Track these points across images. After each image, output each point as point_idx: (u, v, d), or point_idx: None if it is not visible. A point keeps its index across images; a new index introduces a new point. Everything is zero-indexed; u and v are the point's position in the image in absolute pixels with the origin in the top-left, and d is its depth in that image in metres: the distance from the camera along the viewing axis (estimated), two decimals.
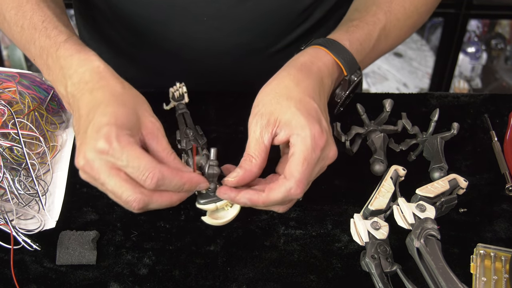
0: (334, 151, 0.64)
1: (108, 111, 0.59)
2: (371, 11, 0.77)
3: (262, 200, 0.62)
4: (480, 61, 2.36)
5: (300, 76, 0.67)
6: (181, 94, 0.84)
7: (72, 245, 0.66)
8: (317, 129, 0.62)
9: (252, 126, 0.64)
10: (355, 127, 0.79)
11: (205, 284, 0.65)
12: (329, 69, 0.70)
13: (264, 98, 0.65)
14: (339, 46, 0.71)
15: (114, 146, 0.57)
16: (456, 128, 0.78)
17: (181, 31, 0.86)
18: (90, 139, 0.58)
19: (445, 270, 0.61)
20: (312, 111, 0.63)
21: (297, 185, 0.61)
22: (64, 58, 0.65)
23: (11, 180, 0.68)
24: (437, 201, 0.68)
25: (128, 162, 0.57)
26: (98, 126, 0.58)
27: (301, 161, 0.61)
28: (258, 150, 0.63)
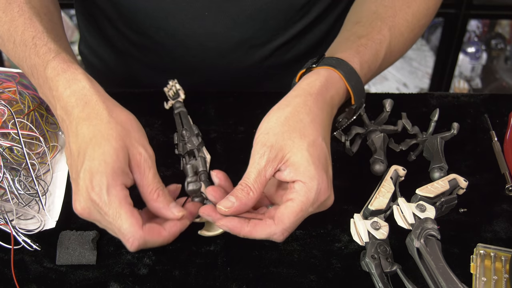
0: (332, 199, 0.63)
1: (97, 154, 0.58)
2: (377, 27, 0.74)
3: (244, 233, 0.60)
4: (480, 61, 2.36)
5: (316, 110, 0.63)
6: (175, 91, 0.84)
7: (72, 245, 0.66)
8: (324, 184, 0.60)
9: (257, 156, 0.61)
10: (355, 127, 0.79)
11: (205, 284, 0.65)
12: (340, 97, 0.68)
13: (276, 127, 0.62)
14: (352, 70, 0.68)
15: (103, 199, 0.57)
16: (456, 128, 0.78)
17: (182, 27, 0.86)
18: (83, 188, 0.57)
19: (445, 270, 0.61)
20: (323, 158, 0.61)
21: (282, 233, 0.60)
22: (51, 79, 0.63)
23: (11, 180, 0.68)
24: (437, 201, 0.69)
25: (113, 220, 0.57)
26: (90, 173, 0.57)
27: (296, 211, 0.59)
28: (258, 183, 0.60)
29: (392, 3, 0.76)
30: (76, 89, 0.62)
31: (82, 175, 0.57)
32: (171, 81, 0.86)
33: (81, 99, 0.62)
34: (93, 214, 0.58)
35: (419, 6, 0.77)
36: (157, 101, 0.87)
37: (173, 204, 0.61)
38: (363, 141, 0.80)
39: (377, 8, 0.76)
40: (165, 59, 0.93)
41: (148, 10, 0.86)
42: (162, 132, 0.82)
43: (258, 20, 0.86)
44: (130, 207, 0.58)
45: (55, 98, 0.63)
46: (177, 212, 0.61)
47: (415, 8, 0.77)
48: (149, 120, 0.84)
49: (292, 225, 0.60)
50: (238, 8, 0.84)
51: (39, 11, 0.70)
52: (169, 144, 0.80)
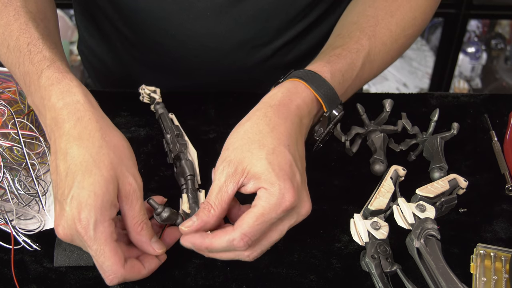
0: (307, 208, 0.61)
1: (87, 183, 0.56)
2: (354, 37, 0.72)
3: (205, 245, 0.59)
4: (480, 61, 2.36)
5: (277, 119, 0.62)
6: (148, 96, 0.83)
7: (69, 246, 0.66)
8: (287, 188, 0.58)
9: (218, 173, 0.60)
10: (355, 127, 0.79)
11: (205, 284, 0.65)
12: (308, 106, 0.65)
13: (235, 142, 0.61)
14: (320, 80, 0.66)
15: (89, 234, 0.56)
16: (456, 128, 0.78)
17: (183, 27, 0.86)
18: (69, 216, 0.56)
19: (445, 270, 0.61)
20: (285, 165, 0.59)
21: (241, 238, 0.57)
22: (44, 88, 0.61)
23: (11, 180, 0.68)
24: (437, 201, 0.69)
25: (96, 255, 0.57)
26: (78, 204, 0.56)
27: (256, 216, 0.57)
28: (219, 200, 0.59)
29: (375, 13, 0.74)
30: (69, 102, 0.60)
31: (69, 202, 0.56)
32: (140, 88, 0.84)
33: (74, 113, 0.60)
34: (75, 241, 0.58)
35: (404, 16, 0.75)
36: None
37: (154, 239, 0.62)
38: (363, 141, 0.80)
39: (359, 18, 0.75)
40: (165, 59, 0.93)
41: (149, 10, 0.86)
42: (162, 132, 0.82)
43: (260, 20, 0.86)
44: (114, 244, 0.57)
45: (46, 108, 0.61)
46: (158, 249, 0.62)
47: (399, 17, 0.75)
48: (149, 120, 0.84)
49: (252, 230, 0.57)
50: (240, 9, 0.84)
51: (35, 16, 0.68)
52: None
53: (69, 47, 2.20)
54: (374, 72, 0.76)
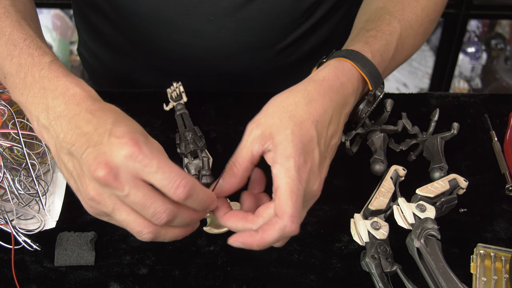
0: (318, 188, 0.60)
1: (124, 123, 0.55)
2: (385, 20, 0.73)
3: (256, 243, 0.57)
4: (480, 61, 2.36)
5: (315, 95, 0.62)
6: (178, 94, 0.84)
7: (70, 246, 0.66)
8: (301, 161, 0.57)
9: (246, 134, 0.61)
10: None
11: (205, 284, 0.65)
12: (353, 85, 0.65)
13: (269, 108, 0.61)
14: (364, 58, 0.67)
15: (144, 150, 0.52)
16: (456, 128, 0.78)
17: (186, 30, 0.86)
18: (114, 145, 0.52)
19: (445, 270, 0.61)
20: (306, 140, 0.59)
21: (292, 221, 0.56)
22: (49, 79, 0.60)
23: (11, 180, 0.68)
24: (437, 201, 0.69)
25: (159, 168, 0.52)
26: (122, 132, 0.53)
27: (289, 193, 0.56)
28: (242, 158, 0.60)
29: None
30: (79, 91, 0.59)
31: (107, 137, 0.53)
32: (175, 83, 0.86)
33: (89, 98, 0.58)
34: (119, 178, 0.52)
35: (428, 1, 0.77)
36: (157, 101, 0.87)
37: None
38: (363, 141, 0.80)
39: (385, 4, 0.76)
40: (168, 62, 0.93)
41: (152, 14, 0.86)
42: (162, 132, 0.82)
43: (263, 23, 0.86)
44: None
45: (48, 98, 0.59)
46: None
47: (423, 3, 0.77)
48: (149, 120, 0.84)
49: (295, 209, 0.56)
50: (243, 12, 0.84)
51: (26, 16, 0.68)
52: (169, 144, 0.80)
53: (69, 47, 2.20)
54: (405, 55, 0.77)
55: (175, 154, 0.78)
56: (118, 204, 0.54)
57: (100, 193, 0.53)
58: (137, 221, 0.54)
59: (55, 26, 2.18)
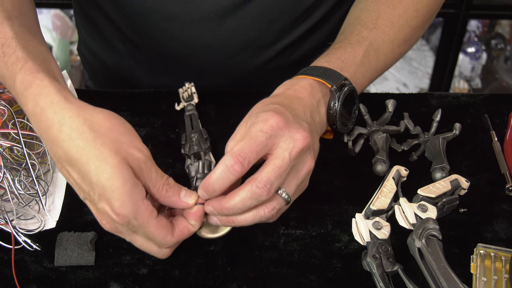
0: (301, 133, 0.61)
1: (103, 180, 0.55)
2: (355, 31, 0.76)
3: (226, 205, 0.60)
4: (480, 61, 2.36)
5: (274, 100, 0.65)
6: (190, 94, 0.84)
7: (70, 246, 0.66)
8: (268, 113, 0.61)
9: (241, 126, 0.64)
10: (358, 127, 0.79)
11: (205, 284, 0.65)
12: (307, 90, 0.68)
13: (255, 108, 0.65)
14: (316, 68, 0.71)
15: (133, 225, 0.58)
16: (458, 129, 0.78)
17: (187, 28, 0.86)
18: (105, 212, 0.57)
19: (446, 270, 0.61)
20: (272, 105, 0.62)
21: (263, 185, 0.58)
22: (21, 93, 0.60)
23: (11, 180, 0.68)
24: (438, 202, 0.68)
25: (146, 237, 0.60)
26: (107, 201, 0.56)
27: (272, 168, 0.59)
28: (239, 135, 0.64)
29: (377, 8, 0.77)
30: (44, 105, 0.58)
31: (98, 201, 0.57)
32: (188, 83, 0.85)
33: (53, 117, 0.57)
34: (123, 232, 0.60)
35: (407, 9, 0.78)
36: (157, 101, 0.87)
37: (183, 193, 0.61)
38: (365, 141, 0.80)
39: (361, 14, 0.78)
40: (168, 60, 0.93)
41: (153, 12, 0.85)
42: (162, 132, 0.82)
43: (264, 22, 0.86)
44: (157, 220, 0.59)
45: (28, 114, 0.60)
46: (191, 200, 0.61)
47: (401, 10, 0.78)
48: (149, 120, 0.84)
49: (270, 178, 0.58)
50: (244, 10, 0.84)
51: (11, 14, 0.67)
52: (169, 144, 0.80)
53: (69, 47, 2.20)
54: (383, 60, 0.78)
55: (175, 153, 0.78)
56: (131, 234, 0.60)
57: (113, 227, 0.59)
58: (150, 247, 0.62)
59: (55, 26, 2.18)
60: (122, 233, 0.60)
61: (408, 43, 0.81)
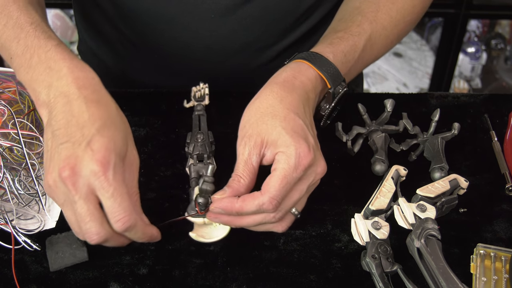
0: (323, 167, 0.65)
1: (107, 134, 0.58)
2: (356, 21, 0.76)
3: (236, 209, 0.62)
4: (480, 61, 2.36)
5: (283, 93, 0.66)
6: (202, 95, 0.84)
7: (60, 248, 0.65)
8: (303, 148, 0.62)
9: (241, 149, 0.64)
10: (357, 127, 0.79)
11: (205, 284, 0.65)
12: (312, 83, 0.70)
13: (250, 119, 0.65)
14: (322, 59, 0.71)
15: (108, 175, 0.56)
16: (457, 128, 0.78)
17: (187, 29, 0.86)
18: (87, 155, 0.56)
19: (445, 270, 0.61)
20: (298, 128, 0.63)
21: (270, 201, 0.61)
22: (54, 60, 0.63)
23: (11, 180, 0.68)
24: (437, 201, 0.68)
25: (112, 196, 0.57)
26: (98, 147, 0.57)
27: (280, 178, 0.61)
28: (247, 171, 0.64)
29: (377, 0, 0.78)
30: (86, 76, 0.62)
31: (86, 144, 0.57)
32: (202, 83, 0.85)
33: (91, 85, 0.62)
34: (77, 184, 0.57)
35: (404, 3, 0.79)
36: (157, 101, 0.87)
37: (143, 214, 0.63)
38: (364, 141, 0.80)
39: (361, 4, 0.79)
40: (168, 61, 0.93)
41: (153, 12, 0.85)
42: (162, 132, 0.82)
43: (264, 22, 0.86)
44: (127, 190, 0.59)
45: (53, 78, 0.62)
46: (146, 220, 0.62)
47: (399, 5, 0.79)
48: (149, 120, 0.84)
49: (279, 193, 0.61)
50: (244, 11, 0.84)
51: (32, 1, 0.71)
52: (169, 144, 0.80)
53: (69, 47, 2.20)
54: (375, 54, 0.80)
55: (175, 153, 0.78)
56: (67, 203, 0.58)
57: (57, 186, 0.58)
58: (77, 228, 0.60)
59: (55, 26, 2.18)
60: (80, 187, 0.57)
61: (399, 39, 0.83)
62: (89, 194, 0.57)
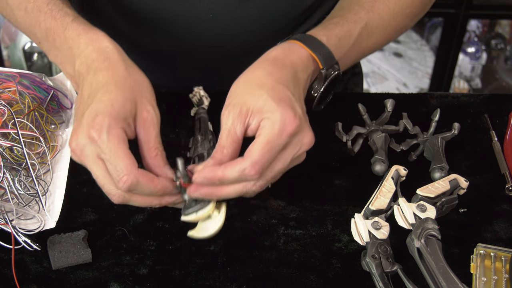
0: (310, 137, 0.63)
1: (106, 98, 0.60)
2: (353, 10, 0.77)
3: (218, 176, 0.61)
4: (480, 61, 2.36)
5: (273, 68, 0.66)
6: (199, 98, 0.84)
7: (64, 247, 0.65)
8: (288, 114, 0.61)
9: (224, 118, 0.63)
10: (357, 127, 0.79)
11: (205, 284, 0.65)
12: (303, 62, 0.69)
13: (237, 89, 0.65)
14: (315, 41, 0.71)
15: (102, 137, 0.58)
16: (457, 128, 0.78)
17: (186, 28, 0.86)
18: (84, 124, 0.59)
19: (445, 270, 0.61)
20: (285, 98, 0.62)
21: (252, 166, 0.59)
22: (71, 38, 0.66)
23: (11, 180, 0.68)
24: (437, 201, 0.68)
25: (110, 158, 0.59)
26: (95, 113, 0.59)
27: (263, 143, 0.60)
28: (230, 141, 0.62)
29: None
30: (98, 46, 0.65)
31: (86, 114, 0.60)
32: (196, 87, 0.85)
33: (103, 54, 0.65)
34: (83, 154, 0.60)
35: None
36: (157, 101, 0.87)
37: (167, 166, 0.63)
38: (364, 141, 0.80)
39: None
40: (167, 60, 0.93)
41: (151, 11, 0.85)
42: (162, 132, 0.81)
43: (263, 22, 0.86)
44: (127, 149, 0.60)
45: (75, 56, 0.66)
46: (171, 174, 0.63)
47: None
48: None
49: (262, 158, 0.60)
50: (243, 10, 0.84)
51: None
52: (169, 144, 0.80)
53: None
54: (372, 44, 0.79)
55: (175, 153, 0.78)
56: (89, 168, 0.61)
57: (81, 149, 0.60)
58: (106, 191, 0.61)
59: None
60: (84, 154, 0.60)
61: (398, 33, 0.82)
62: (96, 159, 0.59)
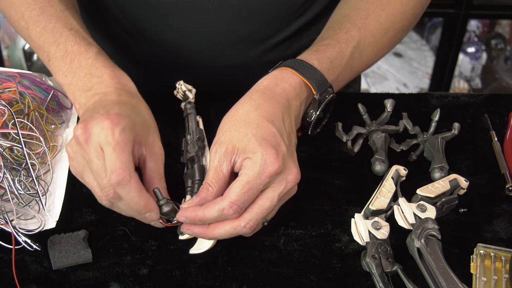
0: (294, 174, 0.63)
1: (128, 115, 0.62)
2: (344, 28, 0.76)
3: (198, 217, 0.62)
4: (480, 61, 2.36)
5: (261, 100, 0.66)
6: (183, 93, 0.83)
7: (64, 247, 0.65)
8: (270, 154, 0.61)
9: (212, 155, 0.64)
10: (357, 127, 0.79)
11: (205, 284, 0.65)
12: (296, 90, 0.69)
13: (225, 126, 0.66)
14: (307, 66, 0.71)
15: (115, 130, 0.60)
16: (457, 128, 0.78)
17: (184, 20, 0.86)
18: (101, 116, 0.60)
19: (445, 270, 0.61)
20: (269, 136, 0.63)
21: (230, 206, 0.61)
22: (96, 67, 0.68)
23: (11, 180, 0.68)
24: (437, 201, 0.69)
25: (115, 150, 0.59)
26: (115, 112, 0.61)
27: (242, 184, 0.61)
28: (216, 179, 0.63)
29: (366, 6, 0.78)
30: (123, 83, 0.69)
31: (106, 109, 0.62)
32: (177, 83, 0.85)
33: (128, 90, 0.68)
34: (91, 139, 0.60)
35: (394, 10, 0.78)
36: (157, 101, 0.86)
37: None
38: (364, 141, 0.80)
39: (350, 11, 0.78)
40: (166, 55, 0.93)
41: (150, 4, 0.85)
42: (162, 133, 0.82)
43: (261, 14, 0.86)
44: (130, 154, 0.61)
45: (92, 82, 0.68)
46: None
47: (389, 11, 0.78)
48: None
49: (239, 198, 0.61)
50: (241, 2, 0.84)
51: (68, 7, 0.75)
52: (169, 145, 0.80)
53: None
54: (365, 62, 0.79)
55: (175, 154, 0.78)
56: (86, 167, 0.62)
57: (74, 152, 0.62)
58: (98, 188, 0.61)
59: None
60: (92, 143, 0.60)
61: (390, 46, 0.82)
62: (99, 150, 0.60)
